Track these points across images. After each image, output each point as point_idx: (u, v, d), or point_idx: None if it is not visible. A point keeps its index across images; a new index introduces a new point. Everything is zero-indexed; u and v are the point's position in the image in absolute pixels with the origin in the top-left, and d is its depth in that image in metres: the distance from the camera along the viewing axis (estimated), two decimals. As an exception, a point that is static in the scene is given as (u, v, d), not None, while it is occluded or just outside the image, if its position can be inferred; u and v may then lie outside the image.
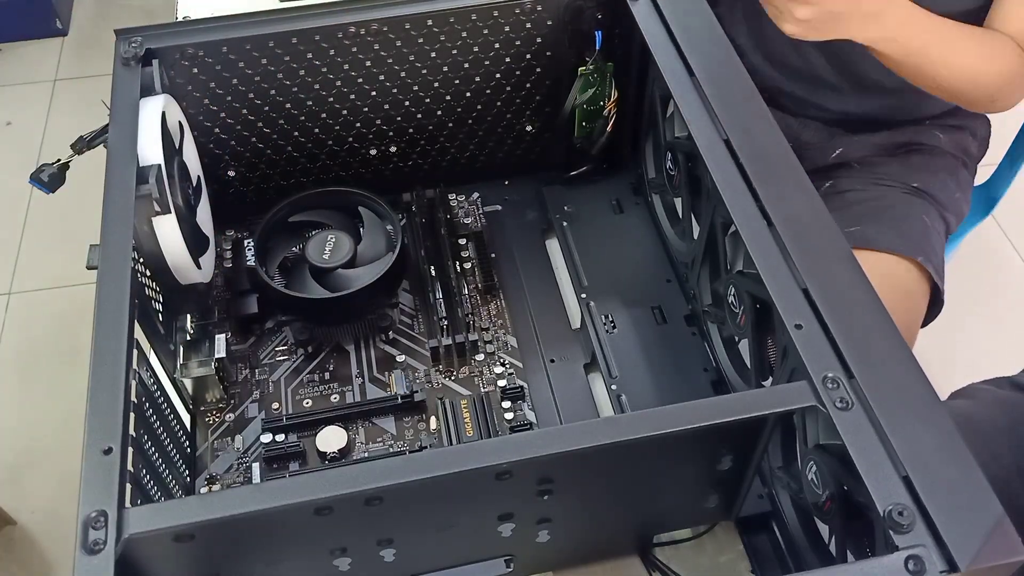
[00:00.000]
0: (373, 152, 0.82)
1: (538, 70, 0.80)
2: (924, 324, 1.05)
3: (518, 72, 0.80)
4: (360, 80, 0.76)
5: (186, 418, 0.70)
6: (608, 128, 0.83)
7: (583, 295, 0.78)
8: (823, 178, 1.07)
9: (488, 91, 0.80)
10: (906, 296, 0.99)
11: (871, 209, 1.05)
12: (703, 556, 0.66)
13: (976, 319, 1.65)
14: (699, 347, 0.74)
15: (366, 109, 0.79)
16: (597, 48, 0.77)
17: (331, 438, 0.69)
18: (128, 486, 0.49)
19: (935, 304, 1.05)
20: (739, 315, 0.64)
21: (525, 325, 0.77)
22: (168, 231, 0.65)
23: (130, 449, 0.51)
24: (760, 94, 0.67)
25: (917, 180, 1.08)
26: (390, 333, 0.77)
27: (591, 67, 0.79)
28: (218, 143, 0.78)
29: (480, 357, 0.75)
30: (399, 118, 0.80)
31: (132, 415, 0.53)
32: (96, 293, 0.56)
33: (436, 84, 0.78)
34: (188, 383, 0.71)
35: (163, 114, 0.67)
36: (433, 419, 0.71)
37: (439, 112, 0.81)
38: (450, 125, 0.82)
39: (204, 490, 0.67)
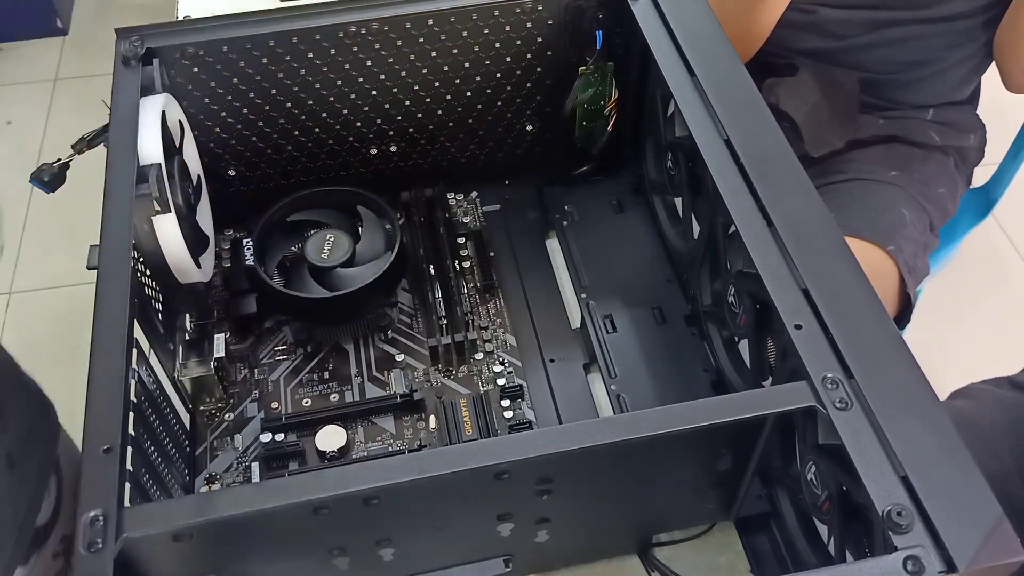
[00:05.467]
0: (373, 151, 0.82)
1: (539, 70, 0.80)
2: (900, 325, 1.05)
3: (519, 72, 0.80)
4: (361, 79, 0.76)
5: (185, 418, 0.70)
6: (609, 128, 0.83)
7: (583, 295, 0.78)
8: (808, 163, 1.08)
9: (489, 91, 0.80)
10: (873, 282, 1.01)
11: (850, 195, 1.05)
12: (702, 556, 0.66)
13: (976, 319, 1.65)
14: (699, 347, 0.74)
15: (367, 108, 0.79)
16: (598, 48, 0.77)
17: (330, 437, 0.69)
18: (127, 485, 0.49)
19: (906, 308, 1.05)
20: (739, 315, 0.64)
21: (524, 324, 0.77)
22: (168, 230, 0.65)
23: (129, 449, 0.51)
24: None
25: (895, 169, 1.08)
26: (389, 332, 0.77)
27: (592, 67, 0.79)
28: (218, 142, 0.78)
29: (479, 356, 0.75)
30: (400, 117, 0.80)
31: (131, 415, 0.54)
32: (96, 293, 0.56)
33: (437, 84, 0.78)
34: (187, 383, 0.71)
35: (163, 113, 0.67)
36: (432, 418, 0.71)
37: (440, 112, 0.81)
38: (450, 125, 0.82)
39: (203, 489, 0.67)
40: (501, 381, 0.73)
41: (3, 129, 2.02)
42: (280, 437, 0.70)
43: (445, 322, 0.75)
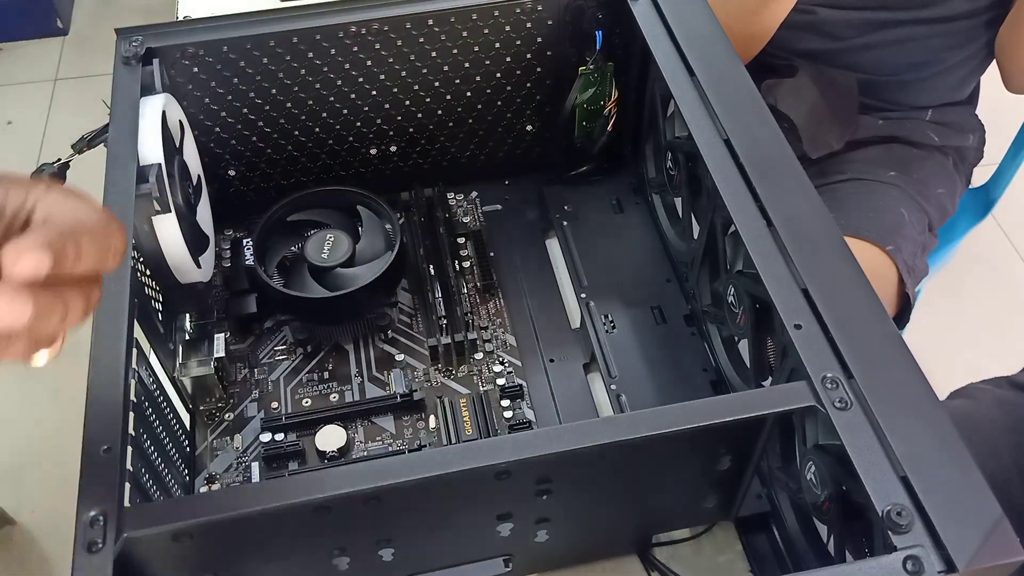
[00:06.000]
0: (373, 151, 0.82)
1: (539, 70, 0.80)
2: (899, 325, 1.05)
3: (518, 72, 0.80)
4: (361, 79, 0.76)
5: (185, 417, 0.70)
6: (608, 128, 0.83)
7: (583, 295, 0.78)
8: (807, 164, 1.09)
9: (488, 91, 0.80)
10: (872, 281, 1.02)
11: (849, 196, 1.05)
12: (702, 556, 0.66)
13: (976, 319, 1.66)
14: (699, 347, 0.74)
15: (367, 108, 0.79)
16: (598, 48, 0.77)
17: (330, 437, 0.69)
18: (127, 485, 0.49)
19: (905, 308, 1.05)
20: (739, 315, 0.64)
21: (524, 324, 0.77)
22: (168, 230, 0.65)
23: (129, 448, 0.51)
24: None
25: (894, 170, 1.08)
26: (389, 332, 0.77)
27: (591, 67, 0.79)
28: (219, 142, 0.78)
29: (479, 356, 0.75)
30: (399, 117, 0.80)
31: (131, 414, 0.54)
32: (96, 292, 0.56)
33: (437, 83, 0.78)
34: (187, 382, 0.71)
35: (163, 113, 0.67)
36: (432, 418, 0.71)
37: (439, 112, 0.81)
38: (450, 125, 0.82)
39: (203, 489, 0.67)
40: (501, 381, 0.73)
41: (3, 129, 2.03)
42: (280, 437, 0.70)
43: (445, 322, 0.75)
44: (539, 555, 0.62)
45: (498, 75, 0.79)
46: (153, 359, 0.68)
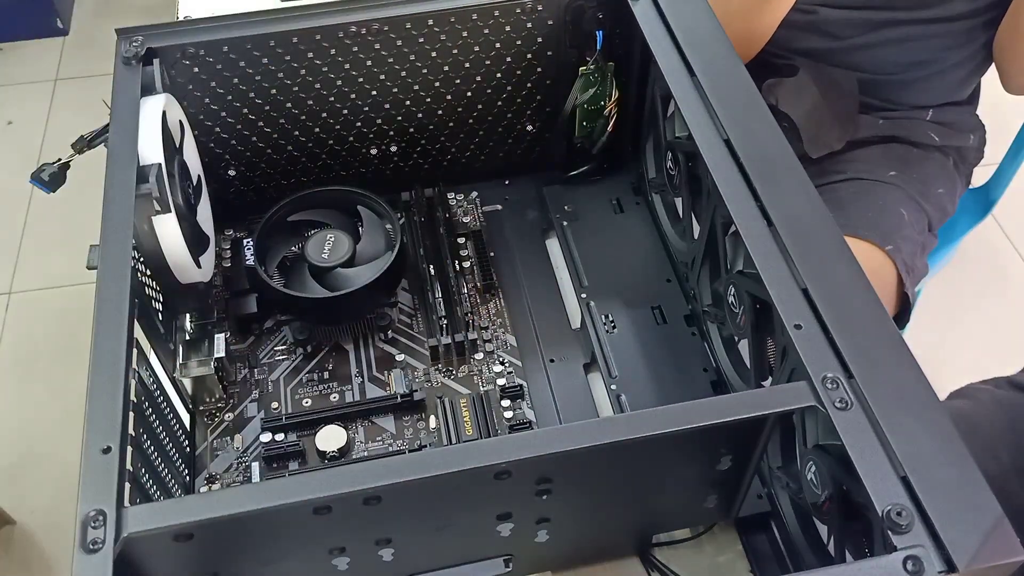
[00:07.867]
0: (374, 151, 0.82)
1: (539, 70, 0.80)
2: (899, 325, 1.05)
3: (519, 72, 0.80)
4: (361, 80, 0.76)
5: (185, 418, 0.70)
6: (609, 128, 0.83)
7: (583, 295, 0.78)
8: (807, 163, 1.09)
9: (489, 91, 0.80)
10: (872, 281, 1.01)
11: (849, 195, 1.05)
12: (702, 556, 0.66)
13: (975, 319, 1.66)
14: (699, 347, 0.74)
15: (367, 108, 0.79)
16: (598, 48, 0.77)
17: (331, 437, 0.69)
18: (127, 485, 0.49)
19: (905, 308, 1.05)
20: (739, 315, 0.64)
21: (524, 324, 0.77)
22: (168, 230, 0.65)
23: (129, 448, 0.51)
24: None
25: (894, 169, 1.08)
26: (389, 332, 0.77)
27: (592, 67, 0.79)
28: (219, 142, 0.78)
29: (479, 356, 0.75)
30: (400, 117, 0.80)
31: (131, 414, 0.54)
32: (96, 293, 0.56)
33: (437, 84, 0.78)
34: (188, 383, 0.71)
35: (164, 113, 0.67)
36: (432, 418, 0.71)
37: (440, 112, 0.81)
38: (451, 125, 0.82)
39: (203, 489, 0.67)
40: (501, 381, 0.73)
41: (3, 129, 2.02)
42: (280, 437, 0.70)
43: (445, 322, 0.75)
44: (539, 555, 0.62)
45: (498, 75, 0.79)
46: (153, 359, 0.68)
